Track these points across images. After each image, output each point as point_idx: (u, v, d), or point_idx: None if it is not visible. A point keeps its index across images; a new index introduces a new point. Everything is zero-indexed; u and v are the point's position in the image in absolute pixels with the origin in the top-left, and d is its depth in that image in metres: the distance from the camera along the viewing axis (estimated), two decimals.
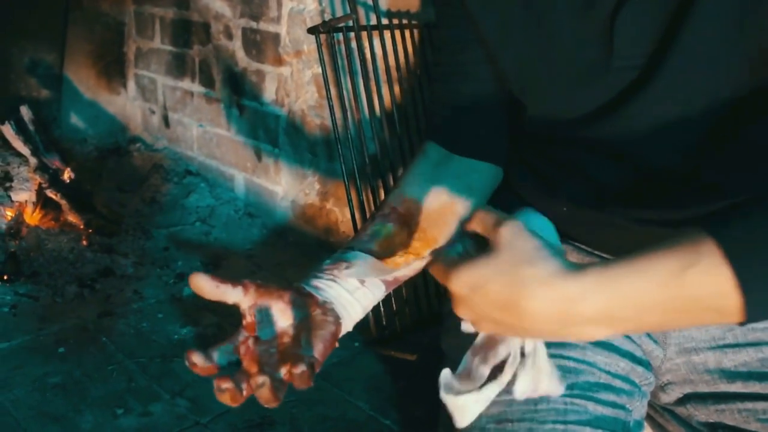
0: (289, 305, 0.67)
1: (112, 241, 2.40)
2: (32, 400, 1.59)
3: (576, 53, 0.75)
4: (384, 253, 0.78)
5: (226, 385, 0.59)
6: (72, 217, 2.45)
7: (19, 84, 3.12)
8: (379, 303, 1.76)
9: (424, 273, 0.78)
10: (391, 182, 1.89)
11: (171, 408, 1.58)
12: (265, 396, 0.58)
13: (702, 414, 0.79)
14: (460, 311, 0.61)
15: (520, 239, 0.58)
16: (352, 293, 0.73)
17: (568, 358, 0.79)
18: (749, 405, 0.76)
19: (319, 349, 0.64)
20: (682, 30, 0.67)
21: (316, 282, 0.72)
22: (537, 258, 0.56)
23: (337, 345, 0.68)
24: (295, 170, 2.52)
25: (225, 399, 0.60)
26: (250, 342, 0.64)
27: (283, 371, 0.59)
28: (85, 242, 2.34)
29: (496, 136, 0.88)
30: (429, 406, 1.58)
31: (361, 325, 1.96)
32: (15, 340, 1.84)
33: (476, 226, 0.64)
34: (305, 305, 0.68)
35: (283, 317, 0.66)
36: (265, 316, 0.66)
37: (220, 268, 2.31)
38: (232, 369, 0.62)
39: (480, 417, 0.78)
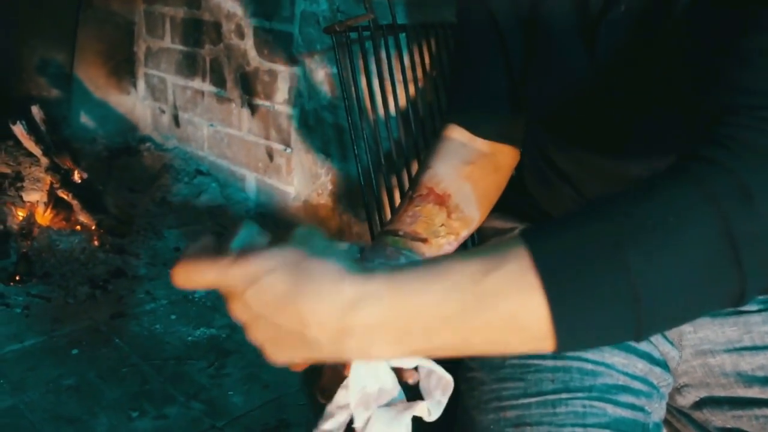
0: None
1: (123, 241, 2.40)
2: (47, 403, 1.59)
3: (566, 52, 0.77)
4: (428, 234, 0.79)
5: None
6: (83, 218, 2.44)
7: (30, 83, 3.12)
8: None
9: None
10: (407, 183, 1.88)
11: (186, 411, 1.58)
12: None
13: (719, 419, 0.79)
14: (234, 310, 0.51)
15: (311, 238, 0.51)
16: None
17: (586, 360, 0.79)
18: (766, 411, 0.76)
19: None
20: (660, 37, 0.68)
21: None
22: (324, 256, 0.48)
23: None
24: (308, 170, 2.52)
25: None
26: None
27: None
28: (96, 242, 2.34)
29: (514, 119, 0.90)
30: (447, 409, 1.57)
31: None
32: (28, 341, 1.83)
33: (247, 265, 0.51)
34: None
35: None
36: None
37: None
38: None
39: (498, 421, 0.78)
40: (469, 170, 0.86)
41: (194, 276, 0.51)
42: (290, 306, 0.47)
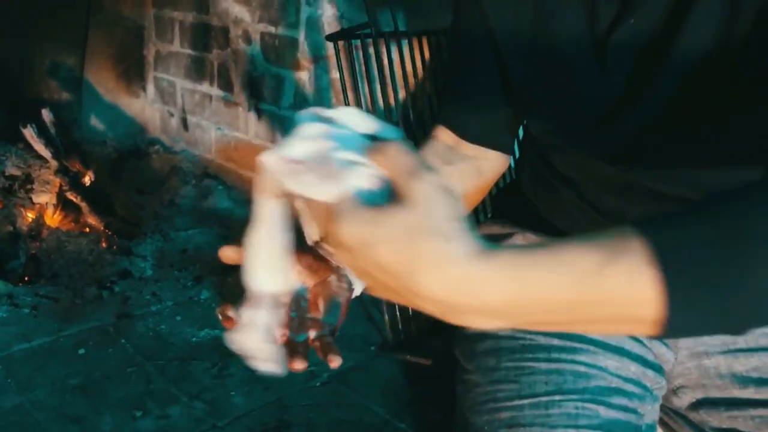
0: (306, 268, 0.64)
1: (131, 243, 2.42)
2: (53, 402, 1.61)
3: (575, 66, 0.77)
4: None
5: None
6: (92, 219, 2.47)
7: (41, 86, 3.15)
8: (394, 308, 1.77)
9: None
10: None
11: (189, 411, 1.60)
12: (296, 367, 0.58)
13: (715, 420, 0.80)
14: (344, 260, 0.51)
15: (434, 203, 0.47)
16: None
17: (580, 362, 0.80)
18: (762, 411, 0.76)
19: (339, 318, 0.63)
20: (672, 48, 0.69)
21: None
22: (445, 230, 0.46)
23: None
24: None
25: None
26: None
27: (311, 335, 0.59)
28: (104, 244, 2.36)
29: (504, 126, 0.91)
30: (444, 410, 1.58)
31: (377, 330, 1.96)
32: (36, 341, 1.86)
33: (387, 166, 0.51)
34: (321, 270, 0.65)
35: (300, 279, 0.64)
36: None
37: (238, 270, 2.31)
38: None
39: (492, 422, 0.79)
40: (448, 171, 0.88)
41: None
42: (403, 279, 0.47)
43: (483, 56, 0.87)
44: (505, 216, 1.01)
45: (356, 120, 0.54)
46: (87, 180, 2.58)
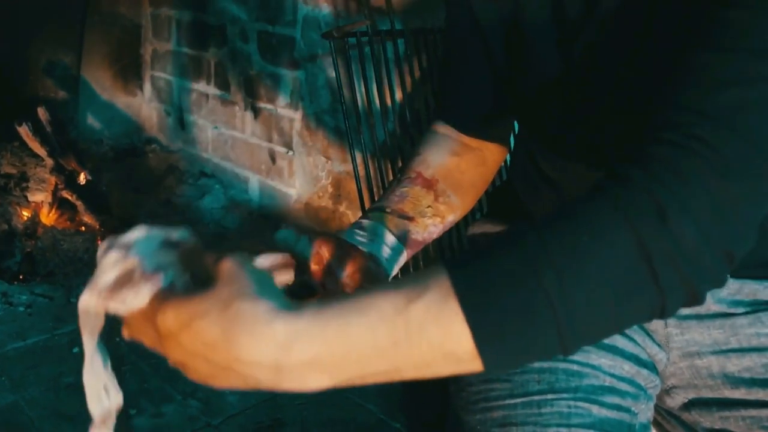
0: (350, 260, 0.68)
1: None
2: (46, 400, 1.61)
3: (545, 59, 0.78)
4: (414, 213, 0.82)
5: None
6: (87, 218, 2.47)
7: (37, 85, 3.15)
8: None
9: None
10: None
11: (183, 409, 1.60)
12: None
13: (707, 420, 0.79)
14: (169, 353, 0.52)
15: (241, 275, 0.51)
16: (391, 249, 0.76)
17: (573, 361, 0.79)
18: (753, 412, 0.76)
19: None
20: (623, 44, 0.69)
21: (357, 241, 0.75)
22: (253, 294, 0.49)
23: None
24: (309, 173, 2.53)
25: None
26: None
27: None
28: (99, 243, 2.36)
29: (499, 119, 0.93)
30: (438, 410, 1.58)
31: None
32: (30, 339, 1.86)
33: (191, 260, 0.56)
34: (360, 258, 0.69)
35: (344, 268, 0.68)
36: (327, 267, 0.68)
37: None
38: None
39: (485, 421, 0.79)
40: (456, 161, 0.89)
41: (133, 329, 0.55)
42: (225, 348, 0.48)
43: (473, 51, 0.88)
44: (499, 214, 1.02)
45: (149, 233, 0.58)
46: (83, 179, 2.58)
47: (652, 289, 0.49)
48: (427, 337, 0.47)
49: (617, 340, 0.82)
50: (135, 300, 0.53)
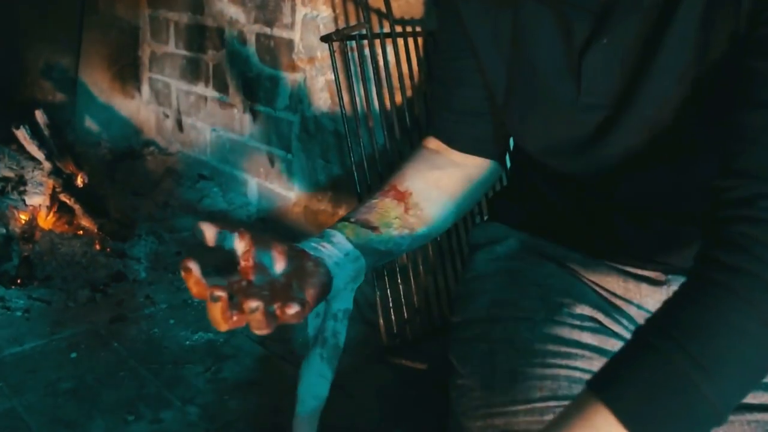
0: (282, 255, 0.70)
1: (124, 245, 2.41)
2: (44, 406, 1.60)
3: (552, 86, 0.79)
4: (379, 224, 0.83)
5: (220, 293, 0.62)
6: (85, 222, 2.45)
7: (34, 87, 3.14)
8: (389, 312, 1.76)
9: (436, 282, 0.79)
10: None
11: (182, 415, 1.59)
12: (257, 320, 0.61)
13: None
14: None
15: None
16: (344, 254, 0.78)
17: (575, 368, 0.79)
18: (758, 416, 0.76)
19: (310, 294, 0.68)
20: (648, 71, 0.70)
21: (306, 245, 0.77)
22: None
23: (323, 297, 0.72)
24: (308, 176, 2.52)
25: (215, 313, 0.62)
26: (244, 283, 0.68)
27: (276, 305, 0.63)
28: (98, 246, 2.35)
29: (491, 136, 0.93)
30: (439, 415, 1.57)
31: (372, 334, 1.95)
32: (28, 344, 1.85)
33: None
34: (298, 257, 0.71)
35: (276, 265, 0.70)
36: (259, 264, 0.69)
37: (233, 272, 2.30)
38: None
39: (486, 428, 0.78)
40: (437, 175, 0.90)
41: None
42: None
43: (466, 70, 0.89)
44: (500, 218, 1.02)
45: None
46: (80, 182, 2.57)
47: None
48: None
49: (619, 347, 0.82)
50: None
